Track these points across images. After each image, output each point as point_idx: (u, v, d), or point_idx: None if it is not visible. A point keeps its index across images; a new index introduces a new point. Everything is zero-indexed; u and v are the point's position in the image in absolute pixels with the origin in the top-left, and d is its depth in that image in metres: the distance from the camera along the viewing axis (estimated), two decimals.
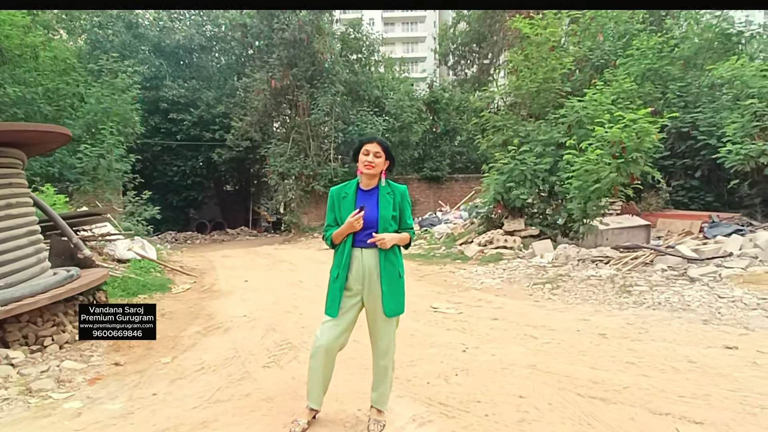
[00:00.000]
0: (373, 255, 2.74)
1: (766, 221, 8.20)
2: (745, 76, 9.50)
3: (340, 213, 2.79)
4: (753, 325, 4.50)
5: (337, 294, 2.77)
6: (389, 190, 2.81)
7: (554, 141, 9.81)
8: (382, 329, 2.82)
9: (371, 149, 2.72)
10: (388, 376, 2.91)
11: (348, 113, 17.46)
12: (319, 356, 2.79)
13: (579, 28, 13.29)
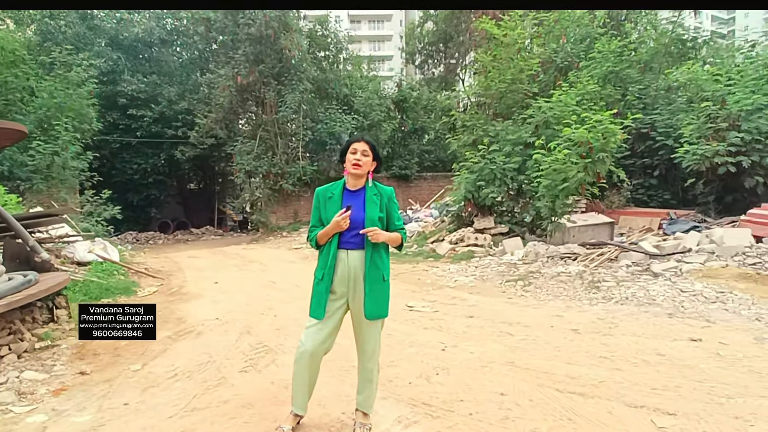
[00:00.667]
0: (358, 257, 2.70)
1: (719, 218, 8.64)
2: (699, 80, 9.98)
3: (326, 213, 2.74)
4: (714, 317, 4.73)
5: (323, 296, 2.71)
6: (376, 191, 2.78)
7: (522, 141, 10.01)
8: (367, 332, 2.79)
9: (359, 148, 2.69)
10: (374, 379, 2.88)
11: (316, 111, 17.28)
12: (303, 361, 2.73)
13: (543, 30, 13.61)
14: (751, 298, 5.07)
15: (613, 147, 7.45)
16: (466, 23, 23.99)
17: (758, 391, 3.24)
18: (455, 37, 25.22)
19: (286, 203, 16.95)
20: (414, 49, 27.66)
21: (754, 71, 9.82)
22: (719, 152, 8.22)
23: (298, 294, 6.46)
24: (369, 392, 2.88)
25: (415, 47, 27.77)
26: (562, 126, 9.18)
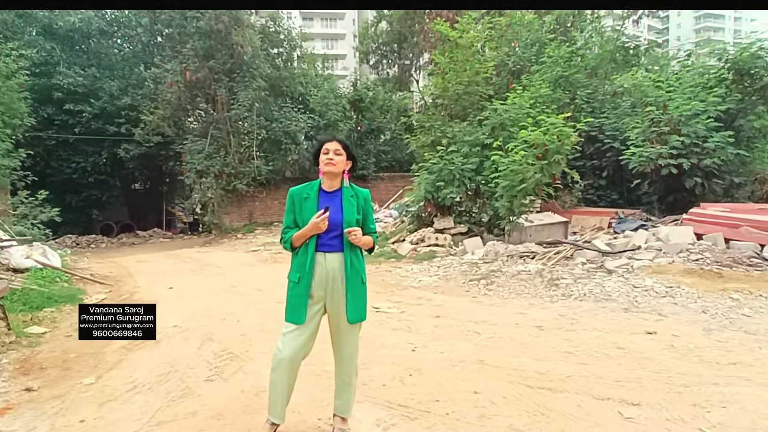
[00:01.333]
0: (337, 259, 2.65)
1: (663, 216, 9.18)
2: (642, 86, 10.57)
3: (301, 215, 2.67)
4: (665, 311, 5.01)
5: (302, 300, 2.64)
6: (353, 192, 2.74)
7: (479, 142, 10.23)
8: (346, 336, 2.74)
9: (331, 147, 2.64)
10: (353, 384, 2.84)
11: (270, 109, 16.91)
12: (282, 369, 2.65)
13: (496, 34, 13.95)
14: (697, 291, 5.41)
15: (567, 149, 7.75)
16: (420, 24, 24.24)
17: (711, 380, 3.45)
18: (409, 38, 25.42)
19: (240, 204, 16.49)
20: (368, 48, 27.60)
21: (690, 79, 10.53)
22: (662, 155, 8.74)
23: (260, 298, 6.29)
24: (347, 397, 2.84)
25: (370, 47, 27.73)
26: (517, 128, 9.48)
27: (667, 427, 2.85)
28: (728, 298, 5.19)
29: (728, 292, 5.35)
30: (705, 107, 9.20)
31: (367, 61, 27.90)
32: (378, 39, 27.28)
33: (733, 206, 8.03)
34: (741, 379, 3.44)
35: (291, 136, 16.38)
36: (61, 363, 4.13)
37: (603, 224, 9.13)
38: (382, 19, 27.45)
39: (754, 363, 3.70)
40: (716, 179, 9.17)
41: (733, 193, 9.58)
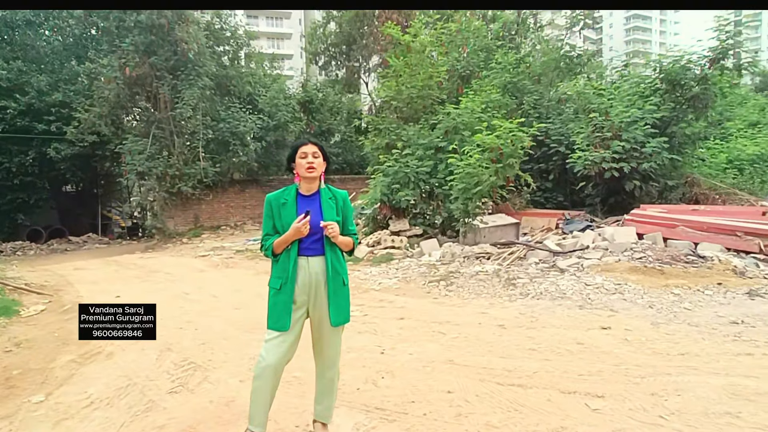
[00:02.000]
0: (319, 263, 2.62)
1: (605, 217, 9.73)
2: (585, 93, 11.16)
3: (281, 220, 2.61)
4: (616, 307, 5.29)
5: (286, 306, 2.58)
6: (331, 195, 2.72)
7: (433, 145, 10.39)
8: (329, 340, 2.70)
9: (308, 151, 2.61)
10: (335, 387, 2.82)
11: (217, 109, 16.35)
12: (266, 376, 2.56)
13: (446, 39, 14.25)
14: (643, 288, 5.76)
15: (520, 153, 8.03)
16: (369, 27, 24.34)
17: (664, 370, 3.68)
18: (359, 40, 25.45)
19: (186, 207, 15.81)
20: (317, 49, 27.36)
21: (628, 88, 11.24)
22: (605, 159, 9.25)
23: (217, 305, 6.05)
24: (329, 402, 2.81)
25: (318, 48, 27.49)
26: (470, 132, 9.73)
27: (631, 416, 3.00)
28: (671, 294, 5.56)
29: (670, 287, 5.74)
30: (642, 115, 9.85)
31: (316, 62, 27.65)
32: (327, 40, 27.12)
33: (669, 207, 8.64)
34: (690, 368, 3.68)
35: (239, 136, 15.89)
36: (4, 381, 3.78)
37: (551, 225, 9.53)
38: (330, 20, 27.31)
39: (700, 353, 3.98)
40: (652, 182, 9.83)
41: (667, 195, 10.29)
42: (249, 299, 6.62)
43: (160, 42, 15.45)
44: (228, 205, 17.35)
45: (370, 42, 24.74)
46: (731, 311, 4.98)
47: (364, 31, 24.99)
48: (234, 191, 17.56)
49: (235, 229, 16.40)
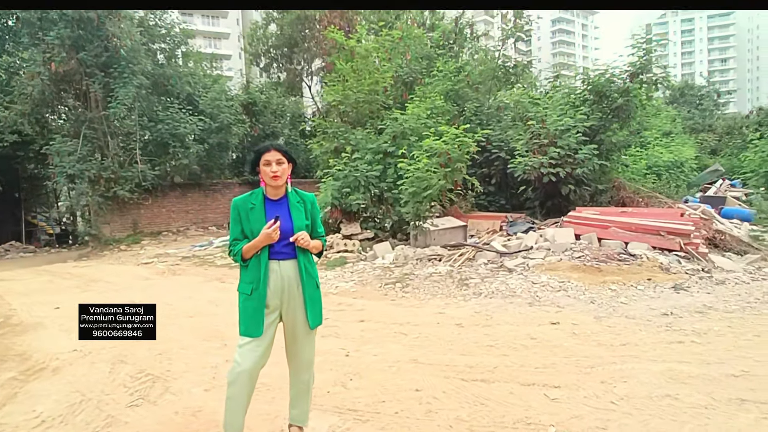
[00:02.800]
0: (291, 267, 2.64)
1: (544, 219, 10.34)
2: (523, 102, 11.81)
3: (249, 225, 2.60)
4: (562, 303, 5.69)
5: (258, 312, 2.59)
6: (298, 198, 2.73)
7: (382, 150, 10.58)
8: (304, 342, 2.73)
9: (272, 158, 2.58)
10: (310, 391, 2.86)
11: (154, 109, 15.62)
12: (242, 382, 2.56)
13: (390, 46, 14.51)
14: (584, 285, 6.22)
15: (467, 158, 8.38)
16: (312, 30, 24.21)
17: (610, 359, 4.02)
18: (301, 43, 25.24)
19: (123, 212, 14.94)
20: (258, 51, 26.82)
21: (560, 97, 12.01)
22: (544, 164, 9.84)
23: (169, 313, 5.82)
24: (304, 405, 2.84)
25: (259, 49, 26.96)
26: (417, 137, 10.01)
27: (585, 403, 3.28)
28: (608, 289, 6.05)
29: (607, 284, 6.24)
30: (574, 123, 10.56)
31: (257, 63, 27.11)
32: (268, 42, 26.66)
33: (601, 210, 9.34)
34: (632, 357, 4.06)
35: (179, 138, 15.25)
36: None
37: (496, 227, 10.00)
38: (271, 21, 26.88)
39: (639, 343, 4.39)
40: (585, 186, 10.58)
41: (597, 198, 11.10)
42: (202, 306, 6.44)
43: (89, 37, 14.54)
44: (169, 210, 16.58)
45: (312, 45, 24.62)
46: (661, 304, 5.51)
47: (306, 34, 24.84)
48: (175, 195, 16.82)
49: (178, 235, 15.72)
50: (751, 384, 3.49)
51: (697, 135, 25.59)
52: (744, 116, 30.27)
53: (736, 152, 20.94)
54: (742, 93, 78.24)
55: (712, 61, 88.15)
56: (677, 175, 15.74)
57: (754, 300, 5.64)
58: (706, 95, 33.49)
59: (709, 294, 5.90)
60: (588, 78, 11.62)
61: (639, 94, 11.17)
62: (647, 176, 14.71)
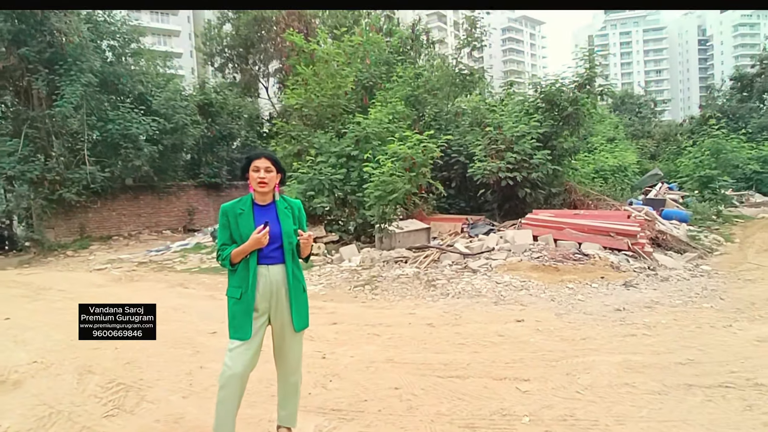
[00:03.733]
0: (279, 271, 2.71)
1: (503, 221, 10.76)
2: (479, 108, 12.23)
3: (238, 230, 2.66)
4: (525, 302, 5.99)
5: (248, 315, 2.65)
6: (286, 204, 2.81)
7: (345, 153, 10.67)
8: (291, 344, 2.80)
9: (261, 165, 2.66)
10: (298, 392, 2.92)
11: (104, 108, 14.95)
12: (233, 385, 2.61)
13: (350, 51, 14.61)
14: (544, 284, 6.57)
15: (431, 162, 8.62)
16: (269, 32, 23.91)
17: (573, 353, 4.31)
18: (258, 45, 24.87)
19: (69, 216, 14.18)
20: (213, 50, 26.19)
21: (515, 105, 12.54)
22: (502, 168, 10.25)
23: None
24: (293, 406, 2.91)
25: (214, 49, 26.33)
26: (380, 141, 10.17)
27: (554, 394, 3.52)
28: (566, 288, 6.43)
29: (565, 282, 6.62)
30: (529, 129, 11.07)
31: (212, 63, 26.47)
32: (222, 42, 26.09)
33: (556, 212, 9.84)
34: (592, 350, 4.37)
35: (131, 139, 14.66)
36: None
37: (457, 229, 10.30)
38: (226, 21, 26.33)
39: (597, 337, 4.72)
40: (540, 189, 11.10)
41: (551, 201, 11.66)
42: (166, 313, 6.26)
43: (31, 31, 13.77)
44: (120, 213, 15.86)
45: (269, 47, 24.32)
46: (614, 300, 5.92)
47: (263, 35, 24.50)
48: (126, 198, 16.10)
49: (130, 240, 15.08)
50: (695, 371, 3.86)
51: (638, 141, 27.24)
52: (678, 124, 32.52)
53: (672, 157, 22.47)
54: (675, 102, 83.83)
55: (648, 72, 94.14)
56: (621, 178, 16.74)
57: (695, 295, 6.18)
58: (644, 104, 35.68)
59: (655, 290, 6.39)
60: (540, 87, 12.19)
61: (586, 103, 11.83)
62: (595, 180, 15.57)
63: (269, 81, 26.80)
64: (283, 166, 2.83)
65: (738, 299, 5.96)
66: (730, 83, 31.59)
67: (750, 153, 17.26)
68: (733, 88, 30.94)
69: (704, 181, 14.67)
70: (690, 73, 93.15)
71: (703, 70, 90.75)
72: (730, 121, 22.85)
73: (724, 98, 30.96)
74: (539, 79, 12.62)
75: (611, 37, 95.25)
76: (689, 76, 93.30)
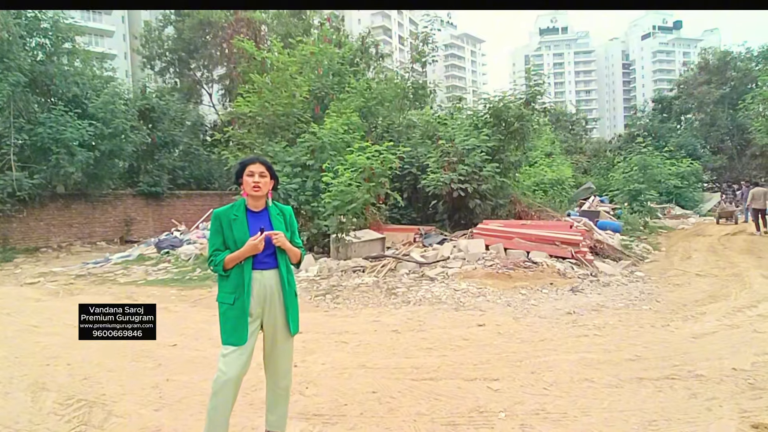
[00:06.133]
0: (273, 276, 2.74)
1: (453, 231, 11.11)
2: (431, 122, 12.62)
3: (232, 235, 2.68)
4: (483, 307, 6.25)
5: (241, 320, 2.65)
6: (278, 210, 2.86)
7: (300, 162, 10.64)
8: (283, 349, 2.83)
9: (255, 170, 2.71)
10: (288, 396, 2.94)
11: (33, 110, 13.97)
12: (227, 390, 2.60)
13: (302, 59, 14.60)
14: (499, 290, 6.88)
15: (389, 173, 8.79)
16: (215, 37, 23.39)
17: (534, 354, 4.58)
18: (202, 49, 24.24)
19: None
20: (153, 53, 25.19)
21: (464, 119, 13.06)
22: (454, 180, 10.62)
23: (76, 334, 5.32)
24: (283, 410, 2.92)
25: (155, 51, 25.33)
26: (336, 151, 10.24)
27: (523, 391, 3.73)
28: (519, 293, 6.77)
29: (518, 288, 6.97)
30: (479, 143, 11.56)
31: (152, 66, 25.46)
32: (164, 45, 25.19)
33: (505, 222, 10.32)
34: (551, 350, 4.66)
35: (63, 143, 13.75)
36: None
37: (410, 239, 10.51)
38: (168, 23, 25.48)
39: (553, 338, 5.03)
40: (488, 200, 11.59)
41: (497, 212, 12.18)
42: None
43: None
44: (48, 224, 14.73)
45: (215, 52, 23.77)
46: (564, 304, 6.32)
47: (208, 40, 23.93)
48: (56, 207, 15.00)
49: (60, 251, 14.03)
50: (643, 365, 4.22)
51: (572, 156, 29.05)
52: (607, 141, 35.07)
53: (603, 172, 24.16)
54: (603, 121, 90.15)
55: (578, 92, 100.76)
56: (559, 191, 17.78)
57: (634, 298, 6.71)
58: (576, 121, 38.20)
59: (599, 294, 6.88)
60: (488, 102, 12.78)
61: (532, 120, 12.54)
62: (535, 192, 16.44)
63: (213, 87, 26.15)
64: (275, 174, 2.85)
65: (671, 301, 6.54)
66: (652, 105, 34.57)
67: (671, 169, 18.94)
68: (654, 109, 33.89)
69: (633, 194, 15.93)
70: (615, 94, 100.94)
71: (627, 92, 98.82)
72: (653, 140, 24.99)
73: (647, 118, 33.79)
74: (487, 95, 13.20)
75: (545, 57, 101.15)
76: (615, 97, 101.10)
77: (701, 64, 33.65)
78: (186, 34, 23.09)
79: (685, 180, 21.78)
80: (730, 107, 31.09)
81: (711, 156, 30.37)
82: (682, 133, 31.04)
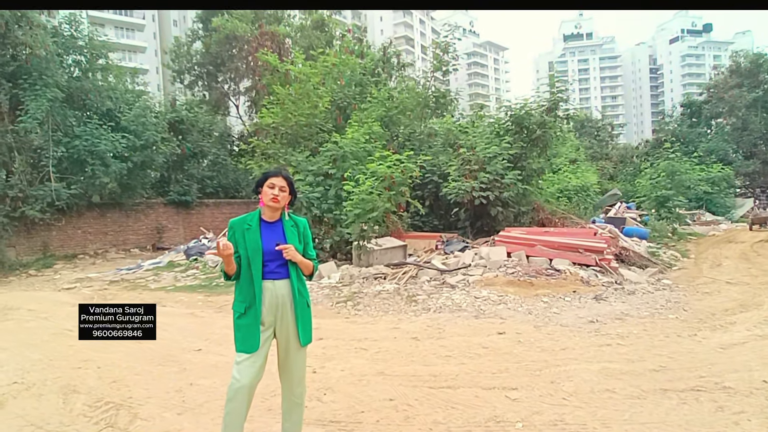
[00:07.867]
0: (284, 286, 2.80)
1: (476, 239, 11.07)
2: (452, 130, 12.64)
3: (244, 244, 2.76)
4: (504, 315, 6.22)
5: (253, 328, 2.73)
6: (292, 222, 2.92)
7: (322, 171, 10.81)
8: (296, 358, 2.88)
9: (277, 183, 2.78)
10: (303, 404, 2.99)
11: (70, 124, 14.59)
12: (241, 397, 2.67)
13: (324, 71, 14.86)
14: (520, 298, 6.83)
15: (410, 181, 8.86)
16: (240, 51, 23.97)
17: (554, 362, 4.53)
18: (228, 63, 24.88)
19: (31, 234, 13.63)
20: (182, 67, 26.00)
21: (486, 127, 13.03)
22: (475, 188, 10.61)
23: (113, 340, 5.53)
24: (297, 418, 2.96)
25: (184, 66, 26.15)
26: (357, 160, 10.37)
27: (542, 401, 3.71)
28: (541, 301, 6.70)
29: (540, 296, 6.91)
30: (500, 151, 11.52)
31: (181, 80, 26.26)
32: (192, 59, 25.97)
33: (527, 230, 10.22)
34: (572, 359, 4.60)
35: (98, 155, 14.33)
36: None
37: (432, 246, 10.53)
38: (197, 38, 26.30)
39: (575, 347, 4.97)
40: (510, 208, 11.51)
41: (520, 219, 12.08)
42: None
43: None
44: (85, 231, 15.36)
45: (240, 66, 24.37)
46: (587, 313, 6.23)
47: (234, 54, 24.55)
48: (93, 216, 15.63)
49: (96, 258, 14.58)
50: (668, 376, 4.14)
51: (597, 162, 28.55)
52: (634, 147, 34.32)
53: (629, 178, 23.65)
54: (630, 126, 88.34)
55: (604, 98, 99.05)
56: (584, 198, 17.49)
57: (660, 307, 6.57)
58: (602, 127, 37.52)
59: (624, 303, 6.75)
60: (510, 110, 12.72)
61: (554, 127, 12.42)
62: (559, 199, 16.22)
63: (240, 99, 26.77)
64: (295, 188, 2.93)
65: (699, 310, 6.37)
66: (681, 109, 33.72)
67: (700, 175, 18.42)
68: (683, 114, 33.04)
69: (661, 200, 15.54)
70: (642, 99, 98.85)
71: (655, 96, 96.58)
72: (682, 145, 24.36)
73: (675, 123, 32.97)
74: (509, 102, 13.15)
75: (570, 63, 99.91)
76: (642, 102, 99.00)
77: (732, 67, 32.65)
78: (213, 49, 23.74)
79: (716, 185, 21.15)
80: (763, 111, 30.10)
81: (743, 161, 29.43)
82: (713, 137, 30.17)
